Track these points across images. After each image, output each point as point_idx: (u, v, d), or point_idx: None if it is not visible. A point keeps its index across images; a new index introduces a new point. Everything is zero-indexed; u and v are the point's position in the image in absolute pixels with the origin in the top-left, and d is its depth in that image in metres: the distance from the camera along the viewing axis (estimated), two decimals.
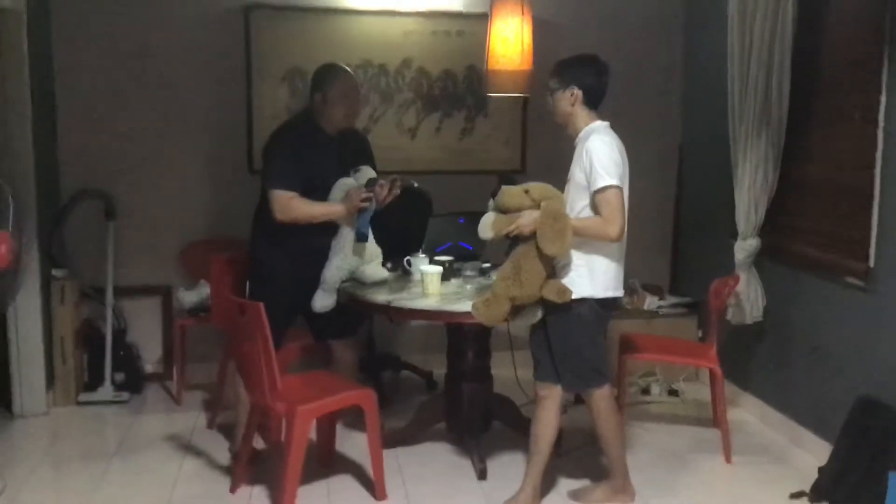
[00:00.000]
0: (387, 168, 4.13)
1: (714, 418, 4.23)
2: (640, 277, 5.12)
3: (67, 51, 4.62)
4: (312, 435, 3.67)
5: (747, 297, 4.25)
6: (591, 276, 3.23)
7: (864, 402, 3.48)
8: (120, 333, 4.72)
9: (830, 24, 3.86)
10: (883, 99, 3.46)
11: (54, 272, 4.47)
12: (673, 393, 4.75)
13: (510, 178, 3.58)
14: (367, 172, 3.74)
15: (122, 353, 4.67)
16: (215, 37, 4.75)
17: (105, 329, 4.60)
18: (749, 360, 4.50)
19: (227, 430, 4.09)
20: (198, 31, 4.73)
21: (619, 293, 3.32)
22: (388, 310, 3.51)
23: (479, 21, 4.80)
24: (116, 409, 4.50)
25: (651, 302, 5.03)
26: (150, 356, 4.89)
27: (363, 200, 3.56)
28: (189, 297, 4.59)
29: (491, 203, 3.29)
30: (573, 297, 3.18)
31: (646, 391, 4.76)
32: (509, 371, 4.15)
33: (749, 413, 4.49)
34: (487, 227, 3.21)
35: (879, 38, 3.45)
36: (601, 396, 3.32)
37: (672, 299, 5.10)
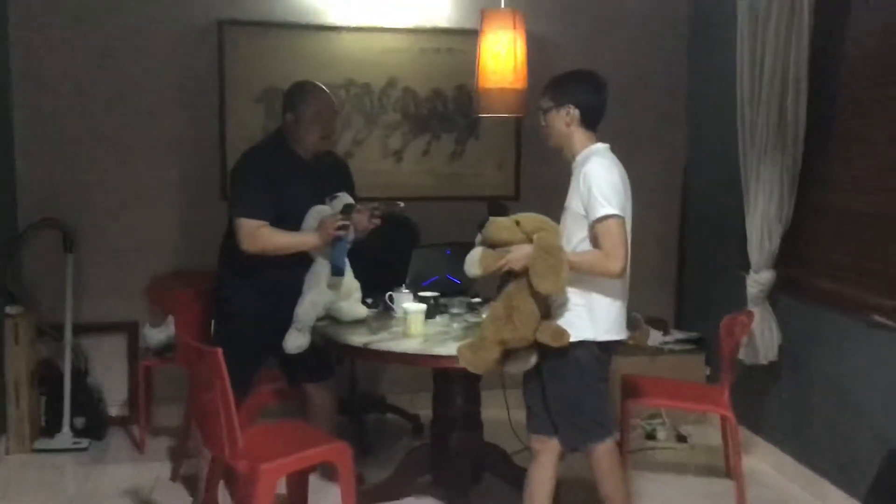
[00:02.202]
0: (371, 194, 3.82)
1: (726, 468, 3.88)
2: (643, 311, 4.76)
3: (26, 70, 4.30)
4: (283, 489, 3.32)
5: (761, 334, 3.91)
6: (592, 317, 2.89)
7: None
8: (80, 374, 4.36)
9: (853, 37, 3.54)
10: None
11: (8, 308, 4.11)
12: (681, 438, 4.39)
13: (500, 206, 3.26)
14: (345, 199, 3.41)
15: (82, 395, 4.30)
16: (187, 54, 4.44)
17: (64, 369, 4.23)
18: (762, 403, 4.14)
19: (191, 483, 3.73)
20: (168, 47, 4.42)
21: (622, 335, 2.98)
22: (364, 353, 3.16)
23: (469, 38, 4.46)
24: (75, 457, 4.13)
25: (655, 337, 4.69)
26: (115, 398, 4.52)
27: (338, 229, 3.23)
28: (155, 334, 4.24)
29: (479, 237, 2.95)
30: (571, 340, 2.84)
31: (651, 436, 4.40)
32: (500, 411, 3.80)
33: (763, 461, 4.12)
34: (474, 263, 2.88)
35: None
36: (604, 452, 2.97)
37: (677, 335, 4.75)
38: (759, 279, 3.91)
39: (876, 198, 3.39)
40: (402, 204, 3.52)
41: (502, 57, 3.52)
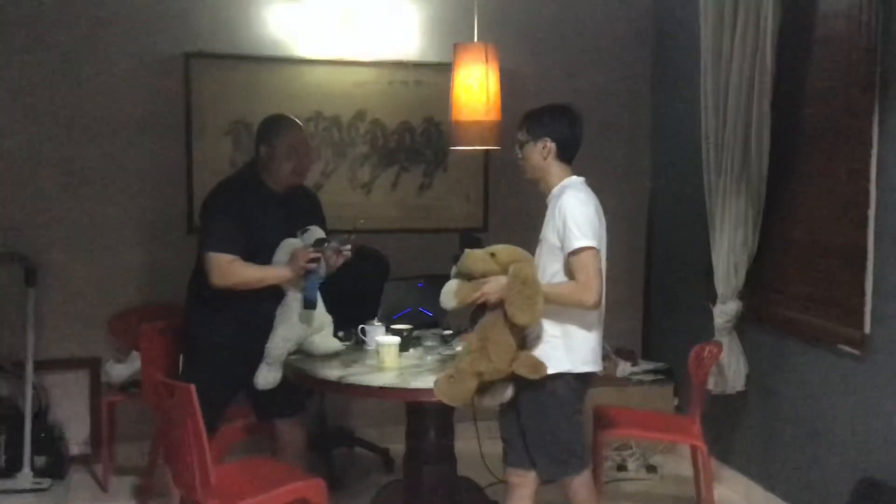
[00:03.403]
0: (340, 227, 3.79)
1: (697, 498, 3.89)
2: (610, 342, 4.79)
3: None
4: None
5: (728, 364, 3.96)
6: (568, 349, 2.91)
7: (866, 484, 3.16)
8: (42, 412, 4.25)
9: (813, 73, 3.63)
10: (874, 153, 3.22)
11: None
12: (651, 469, 4.40)
13: (474, 238, 3.28)
14: (316, 233, 3.39)
15: (43, 434, 4.19)
16: (153, 86, 4.40)
17: (24, 408, 4.11)
18: (731, 432, 4.18)
19: None
20: (134, 80, 4.37)
21: (598, 367, 3.00)
22: (339, 387, 3.13)
23: (437, 71, 4.56)
24: (36, 498, 4.01)
25: (623, 368, 4.72)
26: (76, 436, 4.41)
27: (310, 261, 3.21)
28: (119, 370, 4.16)
29: (454, 269, 2.96)
30: (549, 372, 2.85)
31: (621, 467, 4.40)
32: (473, 444, 3.78)
33: (732, 490, 4.15)
34: (450, 295, 2.88)
35: (870, 89, 3.21)
36: (580, 484, 2.97)
37: (645, 365, 4.79)
38: (725, 310, 3.96)
39: (838, 230, 3.46)
40: (352, 236, 3.41)
41: (475, 90, 3.55)
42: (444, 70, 4.21)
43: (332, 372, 3.16)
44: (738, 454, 4.17)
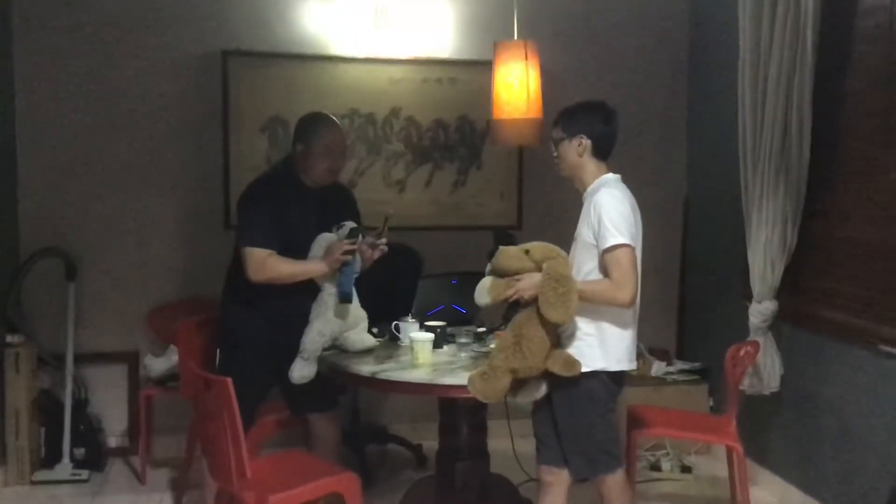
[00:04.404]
0: (373, 225, 3.82)
1: (732, 499, 3.85)
2: (645, 341, 4.76)
3: (29, 98, 4.31)
4: None
5: (764, 365, 3.91)
6: (603, 347, 2.89)
7: None
8: (81, 404, 4.32)
9: (856, 68, 3.57)
10: None
11: (8, 338, 4.08)
12: (685, 469, 4.36)
13: (508, 236, 3.27)
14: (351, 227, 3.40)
15: (82, 426, 4.26)
16: (191, 84, 4.46)
17: (64, 400, 4.20)
18: (766, 433, 4.13)
19: None
20: (172, 77, 4.44)
21: (633, 365, 2.98)
22: (373, 382, 3.15)
23: (472, 68, 4.57)
24: (74, 488, 4.08)
25: (658, 368, 4.69)
26: (114, 429, 4.49)
27: (345, 253, 3.22)
28: (157, 364, 4.22)
29: (488, 266, 2.96)
30: (583, 370, 2.84)
31: (655, 467, 4.38)
32: (505, 442, 3.78)
33: (768, 492, 4.11)
34: (484, 292, 2.88)
35: None
36: (614, 482, 2.96)
37: (680, 365, 4.75)
38: (761, 309, 3.92)
39: (880, 229, 3.41)
40: (386, 229, 3.39)
41: (515, 88, 3.55)
42: (478, 67, 4.22)
43: (366, 367, 3.18)
44: (773, 455, 4.12)
